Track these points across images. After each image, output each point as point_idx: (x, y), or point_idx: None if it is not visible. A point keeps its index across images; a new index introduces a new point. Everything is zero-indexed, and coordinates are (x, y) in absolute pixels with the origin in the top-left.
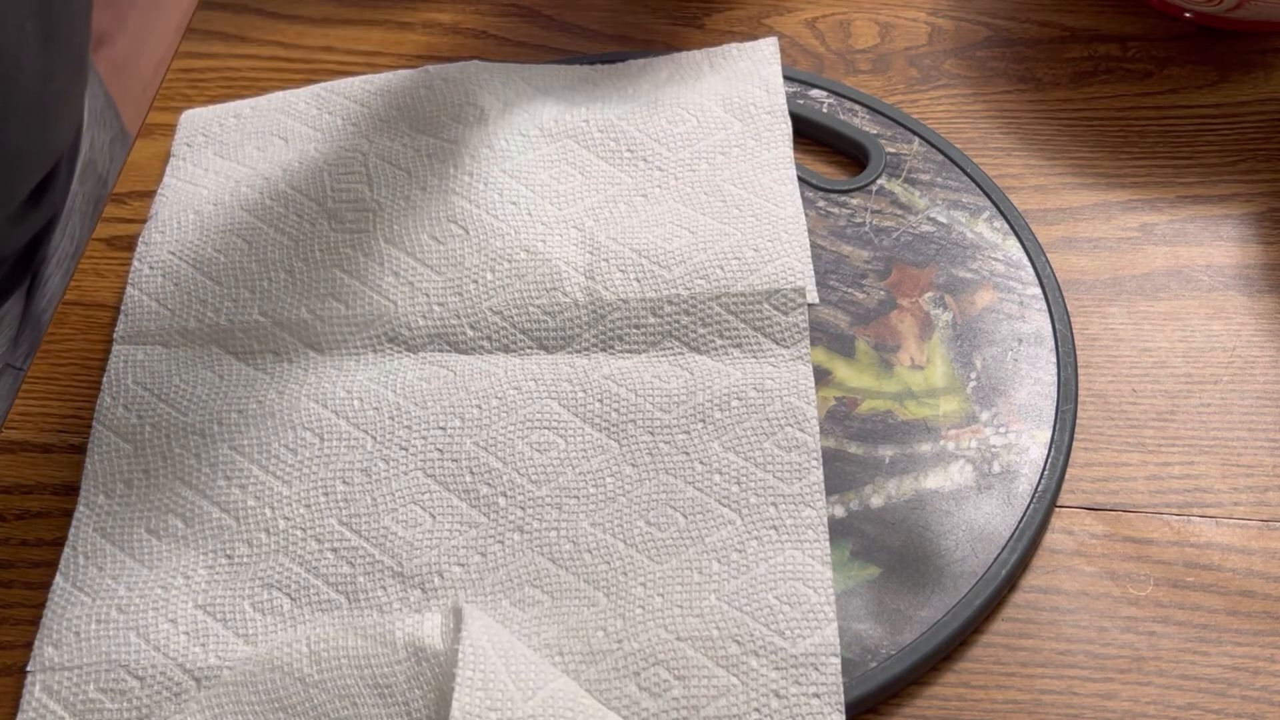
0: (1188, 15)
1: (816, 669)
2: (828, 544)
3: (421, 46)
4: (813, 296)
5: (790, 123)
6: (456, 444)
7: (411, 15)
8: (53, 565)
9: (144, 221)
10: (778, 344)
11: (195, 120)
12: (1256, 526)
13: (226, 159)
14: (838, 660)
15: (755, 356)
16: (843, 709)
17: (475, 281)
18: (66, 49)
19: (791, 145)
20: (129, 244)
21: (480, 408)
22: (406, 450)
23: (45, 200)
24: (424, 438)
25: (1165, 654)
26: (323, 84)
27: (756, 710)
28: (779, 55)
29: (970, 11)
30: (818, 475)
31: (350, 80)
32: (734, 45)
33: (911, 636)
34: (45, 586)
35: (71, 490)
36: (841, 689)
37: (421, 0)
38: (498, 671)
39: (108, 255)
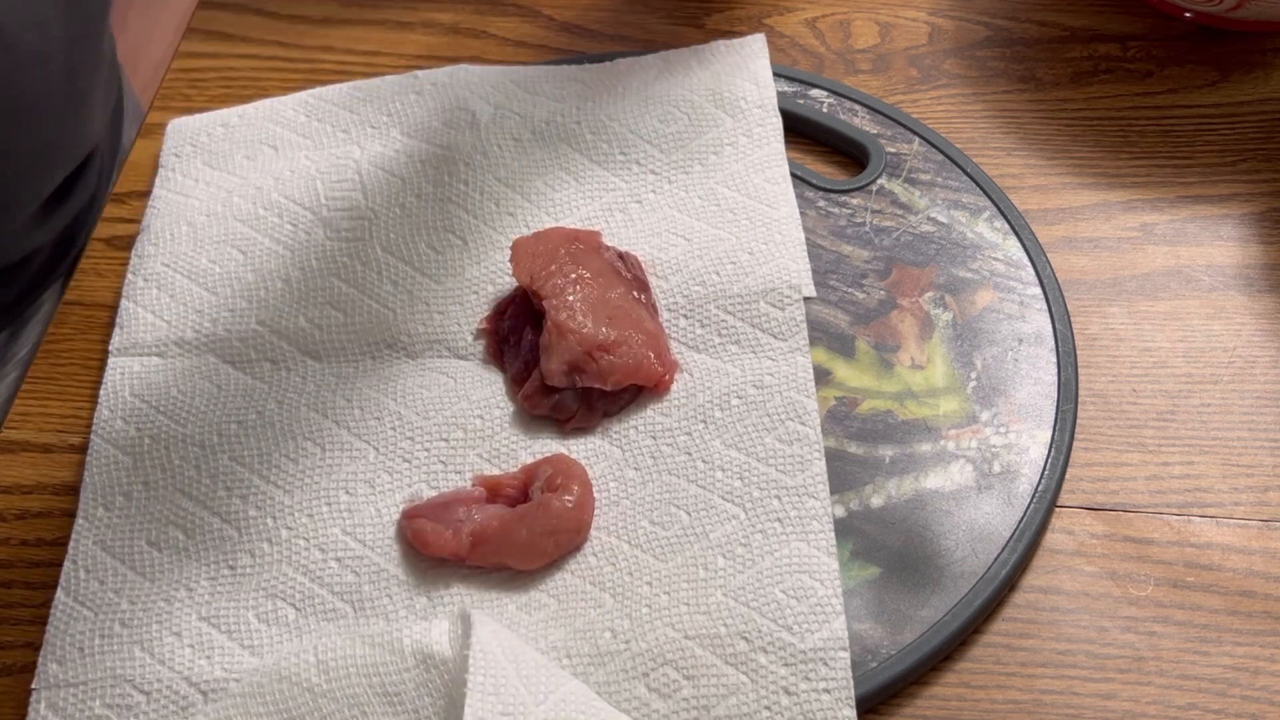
0: (1188, 15)
1: (825, 664)
2: (833, 535)
3: (421, 46)
4: (809, 290)
5: (780, 117)
6: (460, 456)
7: (411, 15)
8: (53, 565)
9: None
10: (775, 338)
11: (182, 130)
12: (1256, 526)
13: (216, 169)
14: (847, 654)
15: (754, 352)
16: (853, 703)
17: (476, 293)
18: (90, 48)
19: (783, 141)
20: (129, 244)
21: (483, 418)
22: (409, 462)
23: (75, 193)
24: (427, 449)
25: (1165, 654)
26: (310, 90)
27: (767, 709)
28: (767, 50)
29: (970, 11)
30: (820, 466)
31: (338, 87)
32: (721, 42)
33: (911, 636)
34: (45, 586)
35: (71, 490)
36: (851, 683)
37: (421, 0)
38: (509, 676)
39: (108, 255)
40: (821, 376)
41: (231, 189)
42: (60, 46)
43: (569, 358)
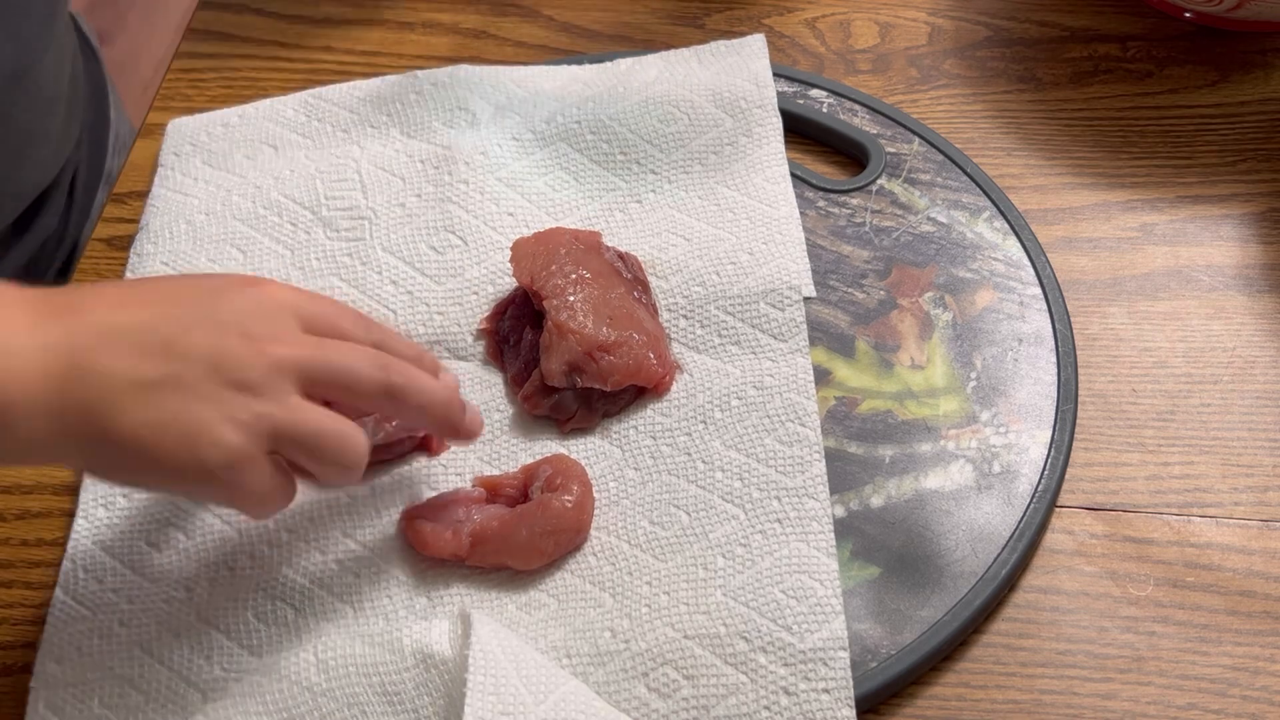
0: (1188, 15)
1: (825, 664)
2: (833, 535)
3: (421, 46)
4: (808, 290)
5: (780, 117)
6: (459, 456)
7: (411, 15)
8: (53, 565)
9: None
10: (775, 339)
11: (182, 129)
12: (1256, 526)
13: (216, 168)
14: (846, 654)
15: (754, 353)
16: (853, 703)
17: (476, 294)
18: (27, 89)
19: (783, 140)
20: (129, 244)
21: (483, 419)
22: (410, 463)
23: (35, 226)
24: None
25: (1165, 654)
26: (310, 90)
27: (766, 709)
28: (767, 50)
29: (970, 11)
30: (820, 468)
31: (337, 86)
32: (721, 42)
33: (911, 636)
34: (45, 586)
35: (71, 490)
36: (851, 683)
37: (421, 0)
38: (509, 676)
39: (108, 255)
40: (821, 376)
41: (231, 188)
42: None
43: (569, 358)
